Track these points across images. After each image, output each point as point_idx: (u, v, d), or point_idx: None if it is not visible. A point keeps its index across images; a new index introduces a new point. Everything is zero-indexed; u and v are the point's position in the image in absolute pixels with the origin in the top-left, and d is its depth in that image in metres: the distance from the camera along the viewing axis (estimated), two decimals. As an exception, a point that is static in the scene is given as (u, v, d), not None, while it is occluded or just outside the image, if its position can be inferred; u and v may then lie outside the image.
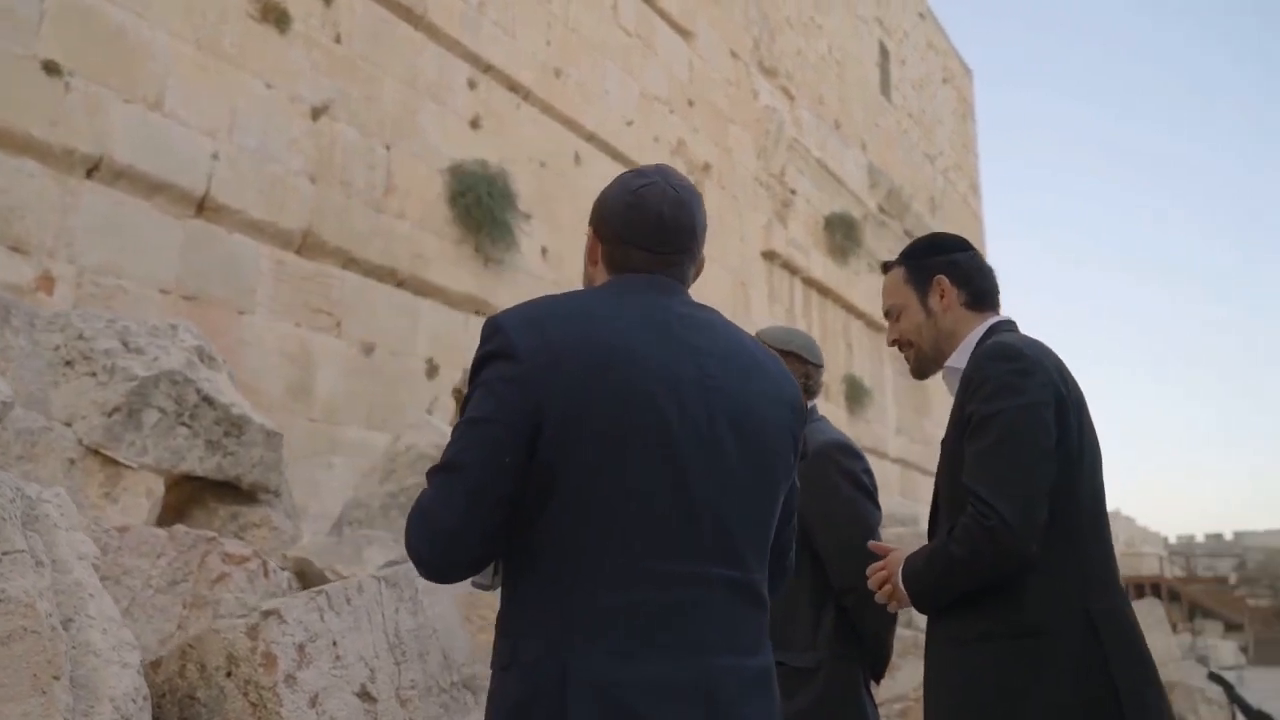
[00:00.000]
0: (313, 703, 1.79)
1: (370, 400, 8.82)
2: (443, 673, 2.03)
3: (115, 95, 7.06)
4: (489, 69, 10.36)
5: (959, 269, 2.17)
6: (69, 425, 3.22)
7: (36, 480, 3.03)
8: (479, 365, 1.48)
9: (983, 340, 2.11)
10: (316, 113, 8.54)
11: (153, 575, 2.42)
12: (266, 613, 1.82)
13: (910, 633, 4.82)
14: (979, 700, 1.88)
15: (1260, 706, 10.37)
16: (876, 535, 2.43)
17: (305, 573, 2.99)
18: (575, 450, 1.40)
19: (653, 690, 1.36)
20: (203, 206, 7.63)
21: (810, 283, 16.12)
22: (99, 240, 6.96)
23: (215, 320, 7.48)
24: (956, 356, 2.15)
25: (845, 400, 16.32)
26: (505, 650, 1.44)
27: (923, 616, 2.21)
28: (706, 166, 13.84)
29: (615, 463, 1.41)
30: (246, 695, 1.77)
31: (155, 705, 1.81)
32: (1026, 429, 1.91)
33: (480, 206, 9.77)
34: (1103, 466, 2.05)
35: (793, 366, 2.58)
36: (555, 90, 11.21)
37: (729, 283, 13.94)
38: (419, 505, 1.44)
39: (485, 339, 1.49)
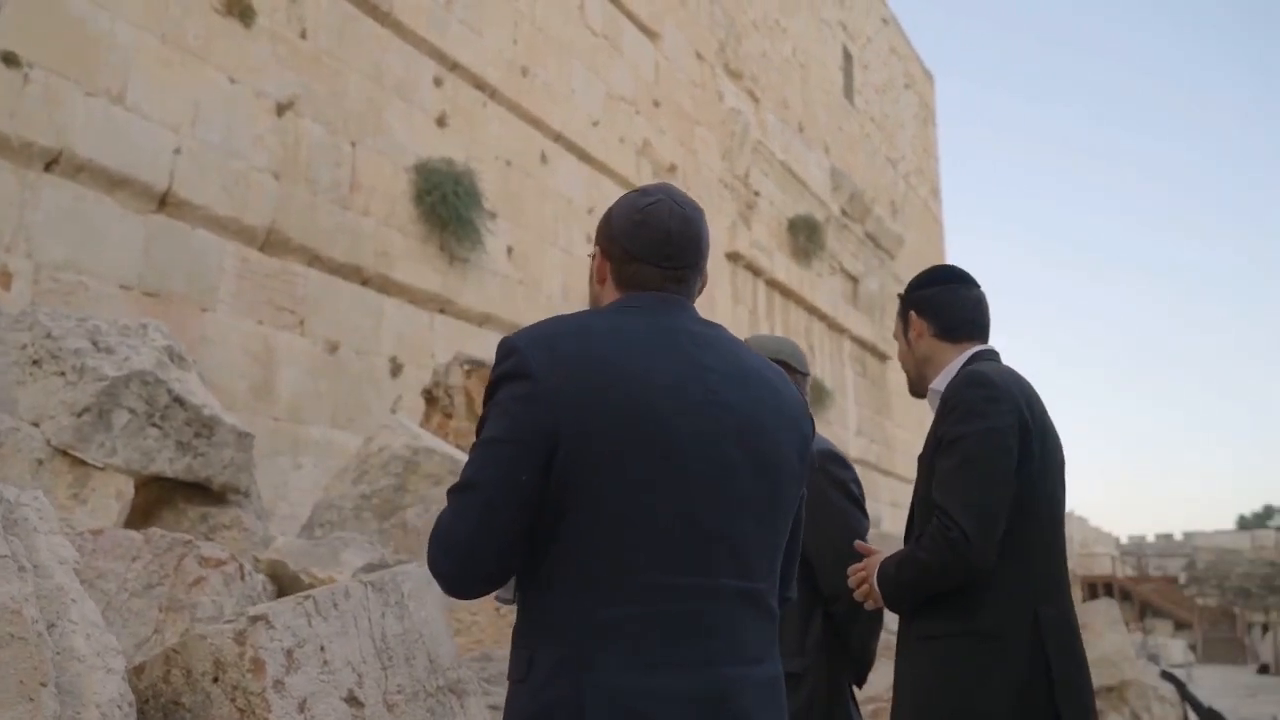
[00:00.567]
0: (301, 708, 1.78)
1: (334, 399, 8.75)
2: (429, 677, 2.03)
3: (76, 88, 6.94)
4: (455, 67, 10.32)
5: (929, 304, 2.40)
6: (37, 425, 3.17)
7: (3, 481, 2.99)
8: (494, 386, 1.50)
9: (964, 367, 2.30)
10: (281, 108, 8.46)
11: (128, 579, 2.39)
12: (254, 618, 1.81)
13: (884, 635, 4.88)
14: (940, 689, 2.10)
15: (1210, 704, 10.59)
16: (862, 540, 2.47)
17: (279, 575, 2.97)
18: (589, 468, 1.43)
19: (668, 700, 1.39)
20: (165, 202, 7.53)
21: (773, 284, 16.21)
22: (58, 235, 6.84)
23: (177, 317, 7.38)
24: (939, 380, 2.34)
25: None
26: (521, 663, 1.45)
27: (894, 622, 2.41)
28: (672, 167, 13.87)
29: (628, 480, 1.44)
30: (234, 701, 1.76)
31: (139, 711, 1.79)
32: (989, 451, 2.11)
33: (446, 205, 9.72)
34: (1064, 487, 2.27)
35: None
36: (522, 89, 11.19)
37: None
38: (439, 522, 1.47)
39: (500, 360, 1.51)
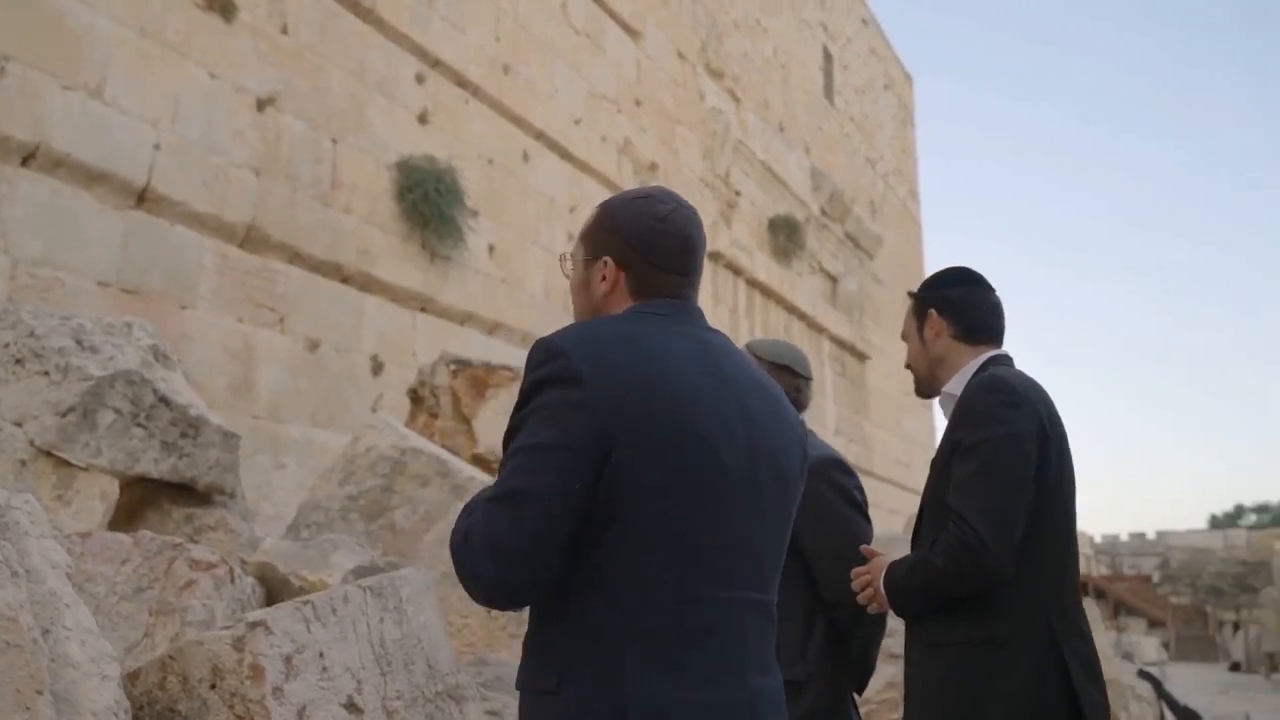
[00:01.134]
0: (300, 715, 1.76)
1: (315, 398, 8.69)
2: (428, 682, 2.01)
3: (54, 82, 6.85)
4: (438, 64, 10.27)
5: (950, 304, 2.36)
6: (19, 425, 3.13)
7: (-13, 482, 2.94)
8: (536, 388, 1.46)
9: (979, 371, 2.27)
10: (262, 104, 8.38)
11: (117, 582, 2.36)
12: (253, 624, 1.79)
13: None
14: (954, 697, 2.08)
15: (1185, 703, 10.69)
16: None
17: (268, 578, 2.93)
18: (637, 478, 1.42)
19: (708, 713, 1.39)
20: (143, 198, 7.44)
21: (754, 284, 16.24)
22: (35, 231, 6.75)
23: (156, 314, 7.30)
24: (953, 384, 2.31)
25: (786, 401, 16.46)
26: (548, 673, 1.43)
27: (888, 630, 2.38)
28: (653, 166, 13.87)
29: (673, 492, 1.43)
30: (232, 708, 1.74)
31: (134, 718, 1.77)
32: (1008, 457, 2.09)
33: (428, 202, 9.67)
34: (1075, 496, 2.25)
35: (783, 380, 2.59)
36: (504, 87, 11.15)
37: (674, 283, 13.97)
38: (484, 530, 1.42)
39: (542, 361, 1.47)
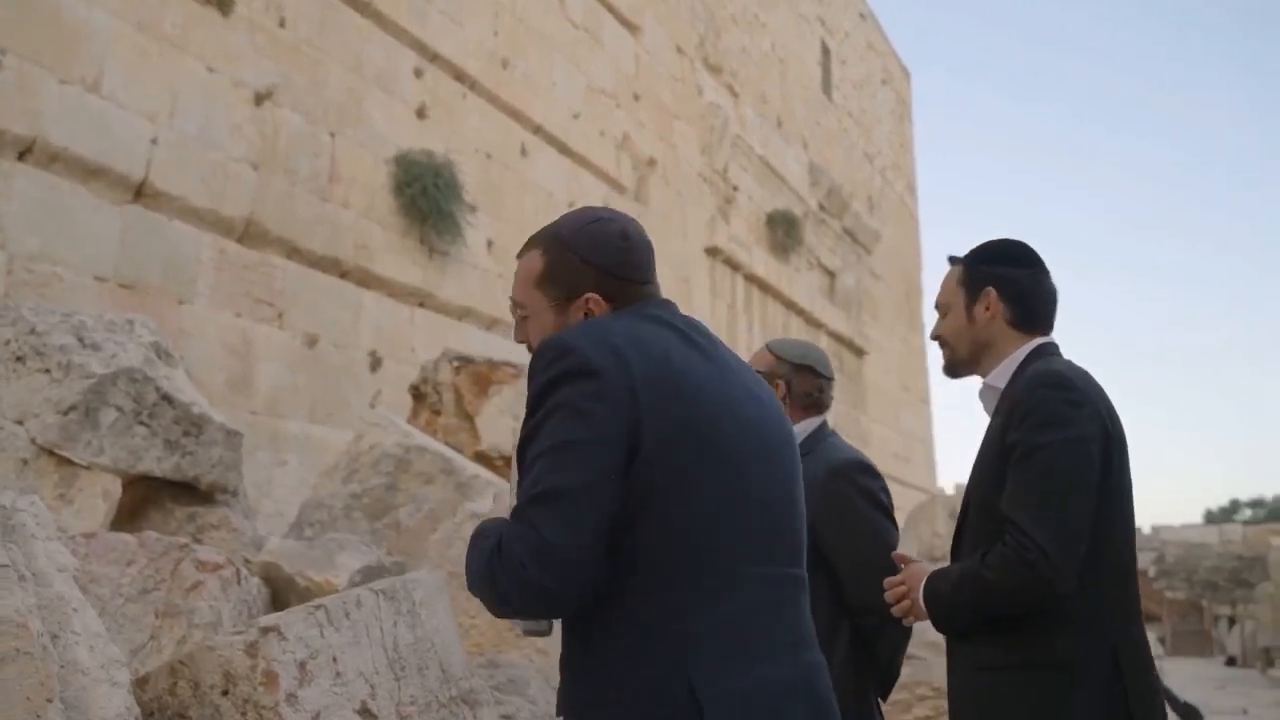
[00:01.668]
0: (314, 722, 1.73)
1: (313, 393, 8.65)
2: (441, 687, 1.98)
3: (50, 75, 6.80)
4: (436, 58, 10.22)
5: (1013, 285, 2.14)
6: (21, 424, 3.09)
7: (-12, 481, 2.91)
8: (551, 386, 1.43)
9: (1027, 363, 2.09)
10: (260, 98, 8.33)
11: (123, 584, 2.33)
12: (265, 629, 1.75)
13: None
14: None
15: (1185, 699, 10.70)
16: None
17: (273, 578, 2.90)
18: (669, 464, 1.40)
19: (776, 693, 1.39)
20: (141, 192, 7.39)
21: (752, 279, 16.21)
22: (32, 226, 6.70)
23: (154, 310, 7.25)
24: (996, 375, 2.13)
25: (784, 396, 16.44)
26: (609, 683, 1.38)
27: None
28: (652, 161, 13.82)
29: (705, 474, 1.42)
30: (245, 714, 1.70)
31: (142, 723, 1.74)
32: (1072, 463, 1.92)
33: (426, 197, 9.62)
34: (1134, 502, 2.08)
35: (805, 380, 2.55)
36: (502, 81, 11.10)
37: (672, 278, 13.93)
38: (521, 537, 1.36)
39: (554, 359, 1.44)
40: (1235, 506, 52.44)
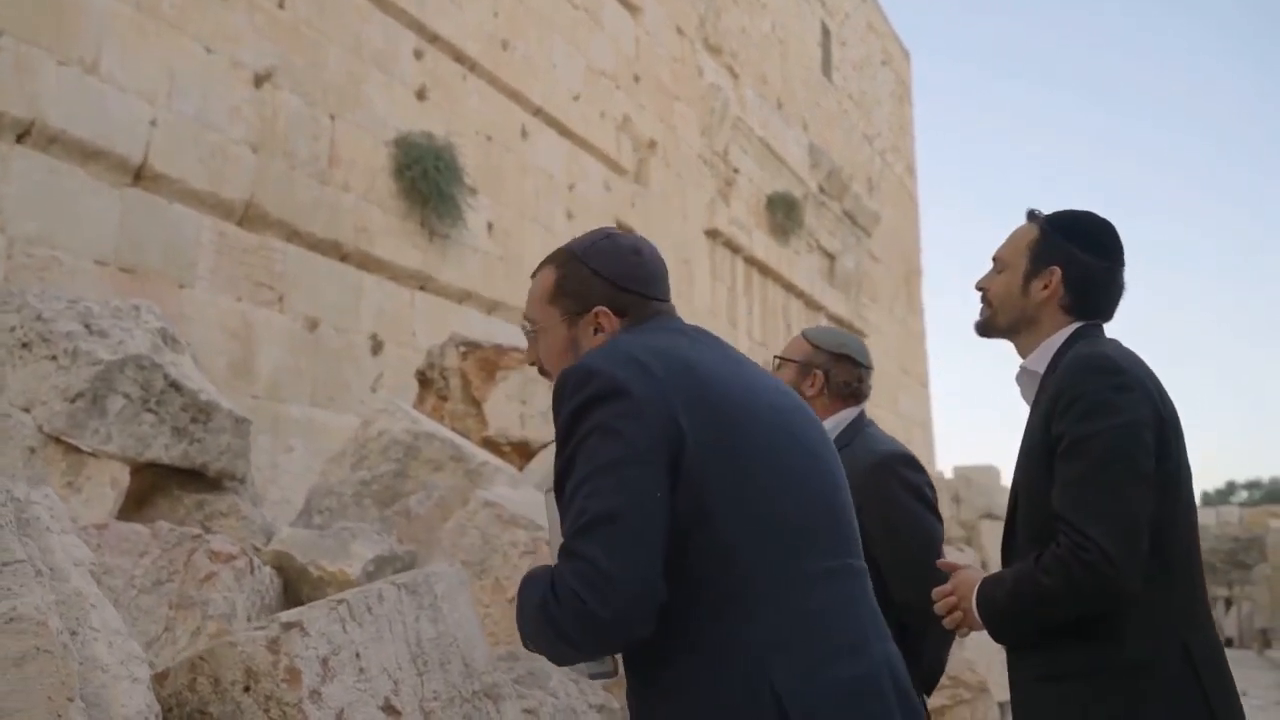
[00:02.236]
0: (338, 718, 1.71)
1: (314, 377, 8.62)
2: (464, 682, 1.96)
3: (48, 56, 6.72)
4: (435, 39, 10.13)
5: (1082, 271, 1.97)
6: (28, 411, 3.05)
7: (-5, 470, 2.88)
8: (580, 413, 1.37)
9: (1067, 345, 1.96)
10: (259, 79, 8.25)
11: (136, 575, 2.30)
12: (288, 624, 1.72)
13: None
14: None
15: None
16: (938, 549, 2.37)
17: (286, 567, 2.87)
18: (716, 470, 1.36)
19: (860, 689, 1.37)
20: (140, 175, 7.33)
21: (752, 261, 16.16)
22: (31, 209, 6.64)
23: (155, 294, 7.20)
24: (1034, 358, 2.00)
25: (784, 379, 16.43)
26: (677, 708, 1.34)
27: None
28: (652, 143, 13.74)
29: (754, 474, 1.39)
30: (268, 712, 1.68)
31: (162, 719, 1.71)
32: (1125, 452, 1.77)
33: (426, 180, 9.56)
34: (1193, 487, 1.93)
35: (844, 369, 2.49)
36: (502, 62, 11.01)
37: (672, 261, 13.86)
38: (575, 572, 1.29)
39: (577, 387, 1.39)
40: (1232, 488, 52.60)
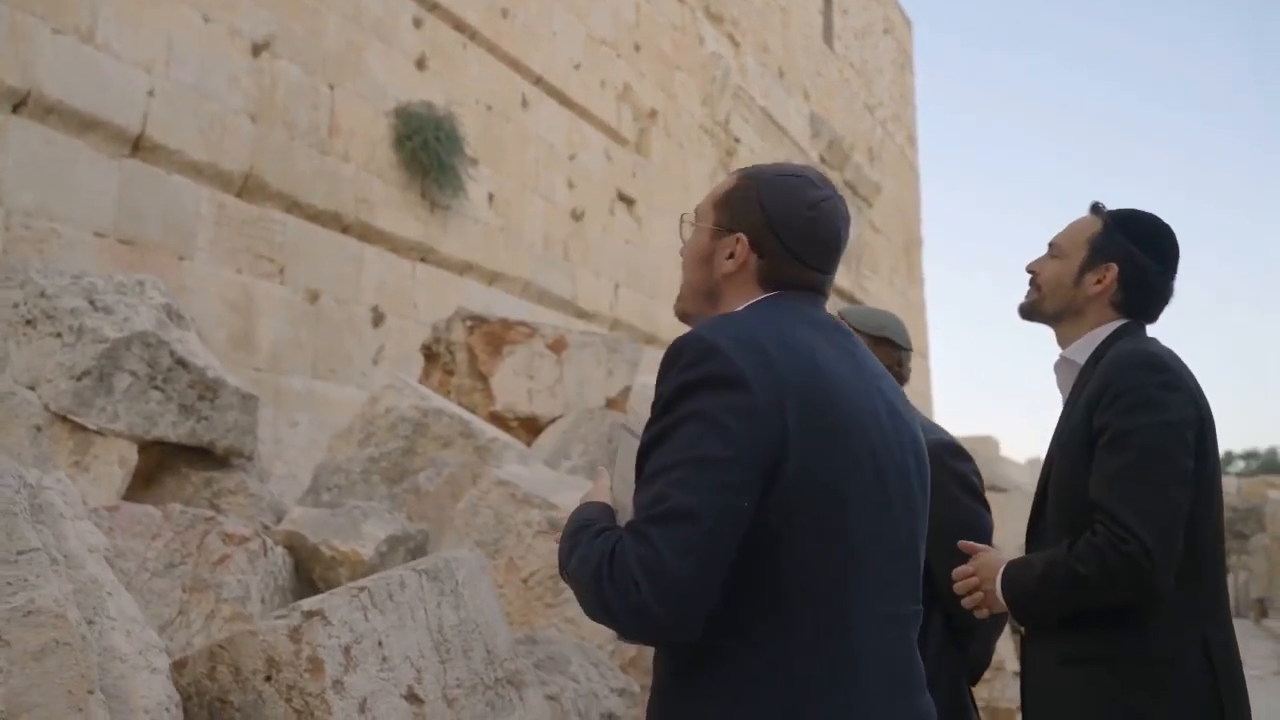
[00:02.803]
0: (362, 708, 1.68)
1: (315, 349, 8.57)
2: (487, 669, 1.93)
3: (43, 24, 6.62)
4: (435, 7, 10.00)
5: (1139, 274, 2.01)
6: (33, 389, 3.01)
7: (1, 449, 2.84)
8: (688, 390, 1.29)
9: (1110, 340, 1.99)
10: (257, 49, 8.14)
11: (148, 558, 2.27)
12: (309, 613, 1.69)
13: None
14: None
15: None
16: (989, 542, 2.33)
17: (297, 547, 2.84)
18: (809, 492, 1.28)
19: None
20: (139, 146, 7.24)
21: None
22: (29, 180, 6.56)
23: (154, 266, 7.14)
24: (1076, 349, 2.03)
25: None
26: (693, 717, 1.30)
27: None
28: (653, 113, 13.62)
29: (846, 502, 1.31)
30: (290, 701, 1.65)
31: (182, 709, 1.68)
32: (1169, 450, 1.81)
33: (427, 150, 9.46)
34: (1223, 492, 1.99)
35: (884, 353, 2.42)
36: (502, 30, 10.88)
37: (673, 232, 13.78)
38: (640, 558, 1.24)
39: (695, 361, 1.30)
40: (1229, 459, 52.79)
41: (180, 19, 7.50)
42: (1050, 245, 2.11)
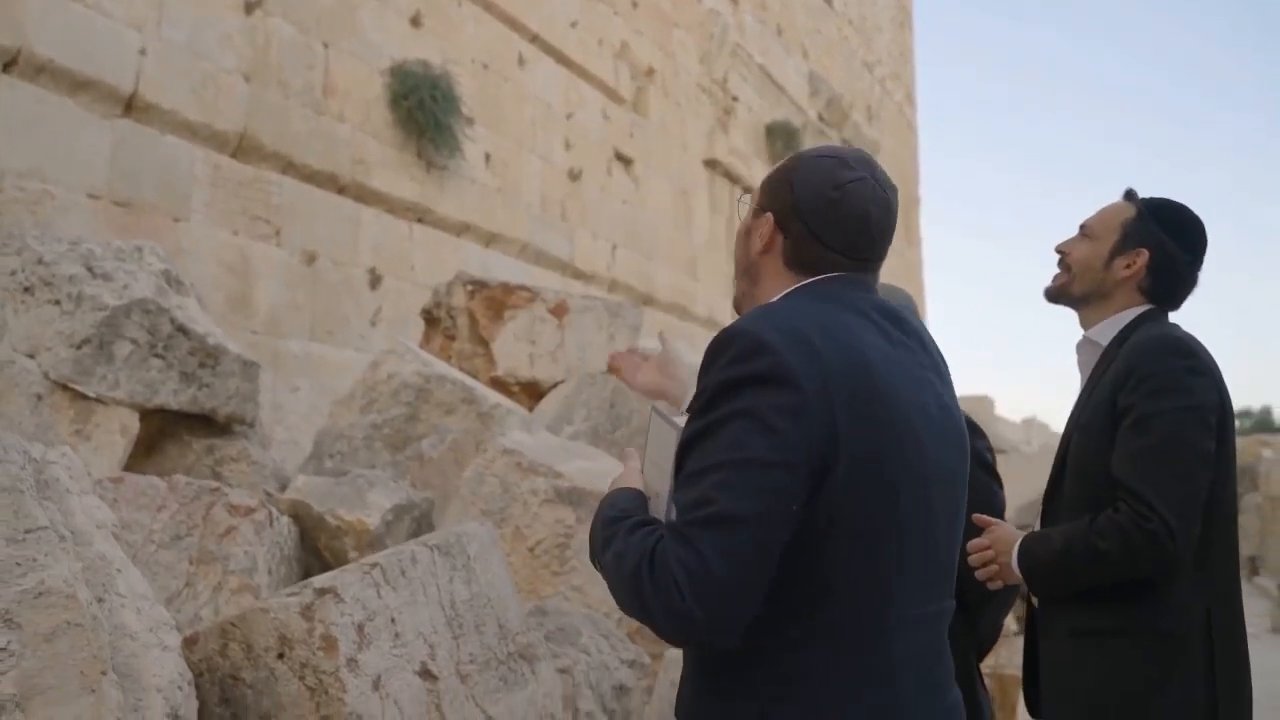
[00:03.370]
0: (375, 685, 1.67)
1: (313, 311, 8.52)
2: (499, 643, 1.92)
3: (32, -19, 6.49)
4: (430, -37, 9.84)
5: (1167, 262, 2.05)
6: (32, 357, 2.98)
7: (2, 418, 2.82)
8: (735, 387, 1.24)
9: (1135, 324, 2.03)
10: (250, 6, 8.01)
11: (154, 530, 2.25)
12: (321, 590, 1.68)
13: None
14: (1116, 691, 1.89)
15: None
16: (1000, 516, 2.33)
17: (302, 516, 2.82)
18: (857, 493, 1.25)
19: None
20: (131, 106, 7.14)
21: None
22: (20, 141, 6.46)
23: (149, 228, 7.07)
24: (1099, 330, 2.06)
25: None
26: (715, 714, 1.30)
27: None
28: (650, 71, 13.47)
29: (892, 505, 1.28)
30: (303, 679, 1.64)
31: (194, 686, 1.67)
32: (1192, 434, 1.87)
33: (423, 110, 9.35)
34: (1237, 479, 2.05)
35: None
36: (498, -13, 10.72)
37: (670, 192, 13.71)
38: (682, 561, 1.20)
39: (742, 356, 1.25)
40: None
41: (171, -25, 7.37)
42: (1081, 227, 2.13)
